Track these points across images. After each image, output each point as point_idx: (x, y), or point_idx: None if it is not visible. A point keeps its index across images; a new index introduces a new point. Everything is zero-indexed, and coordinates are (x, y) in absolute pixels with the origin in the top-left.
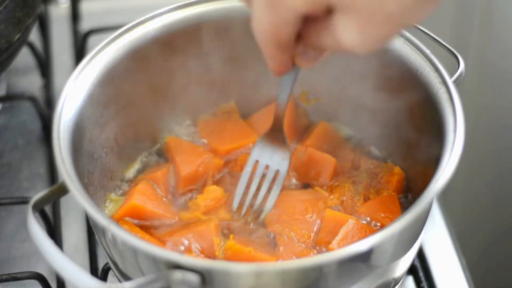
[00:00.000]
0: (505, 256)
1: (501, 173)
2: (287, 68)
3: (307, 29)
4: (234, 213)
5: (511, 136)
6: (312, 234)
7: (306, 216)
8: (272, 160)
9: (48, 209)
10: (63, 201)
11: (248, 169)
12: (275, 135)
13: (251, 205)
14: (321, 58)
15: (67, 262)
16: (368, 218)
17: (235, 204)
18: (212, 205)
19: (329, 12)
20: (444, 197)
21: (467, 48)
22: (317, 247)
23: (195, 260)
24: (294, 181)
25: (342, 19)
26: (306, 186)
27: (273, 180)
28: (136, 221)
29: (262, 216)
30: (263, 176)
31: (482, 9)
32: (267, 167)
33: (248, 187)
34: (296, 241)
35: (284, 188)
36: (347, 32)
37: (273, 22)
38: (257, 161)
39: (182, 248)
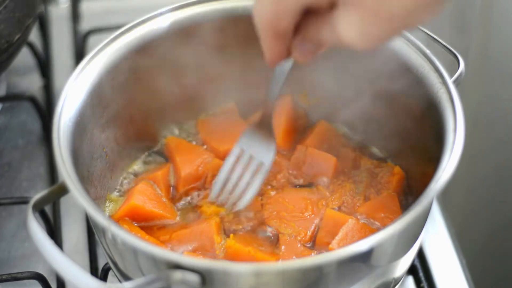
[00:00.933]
0: (503, 254)
1: (501, 172)
2: (281, 58)
3: (306, 21)
4: (212, 199)
5: (511, 136)
6: (309, 232)
7: (305, 214)
8: (257, 151)
9: (48, 209)
10: (63, 201)
11: (231, 158)
12: (263, 127)
13: (230, 194)
14: (317, 53)
15: (67, 262)
16: (368, 218)
17: (215, 191)
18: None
19: (331, 6)
20: (444, 197)
21: (467, 48)
22: (317, 247)
23: (195, 260)
24: (294, 180)
25: (345, 14)
26: (307, 185)
27: (256, 172)
28: (136, 221)
29: (237, 207)
30: (246, 167)
31: (482, 9)
32: (251, 158)
33: (229, 176)
34: (293, 238)
35: (285, 186)
36: (348, 28)
37: (274, 10)
38: (241, 150)
39: (182, 247)
